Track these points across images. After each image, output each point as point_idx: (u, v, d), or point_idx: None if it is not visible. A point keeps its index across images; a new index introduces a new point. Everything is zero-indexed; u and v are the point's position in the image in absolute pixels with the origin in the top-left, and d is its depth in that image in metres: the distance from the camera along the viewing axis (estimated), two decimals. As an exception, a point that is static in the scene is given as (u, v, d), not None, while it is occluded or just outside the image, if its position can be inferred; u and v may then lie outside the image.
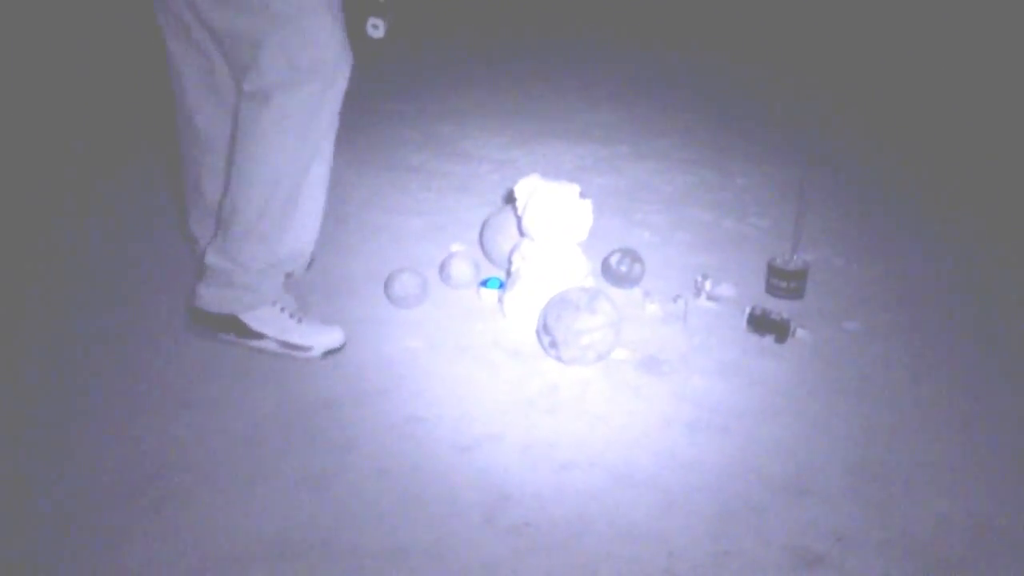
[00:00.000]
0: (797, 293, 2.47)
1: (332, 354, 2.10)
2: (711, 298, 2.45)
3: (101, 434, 1.81)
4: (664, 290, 2.48)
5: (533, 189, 2.25)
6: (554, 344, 2.07)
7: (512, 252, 2.37)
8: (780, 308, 2.34)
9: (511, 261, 2.36)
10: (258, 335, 2.06)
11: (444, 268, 2.48)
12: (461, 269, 2.46)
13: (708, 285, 2.45)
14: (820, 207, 3.04)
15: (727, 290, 2.50)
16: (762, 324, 2.25)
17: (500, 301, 2.36)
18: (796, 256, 2.50)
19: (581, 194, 2.25)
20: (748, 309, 2.29)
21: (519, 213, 2.29)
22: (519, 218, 2.30)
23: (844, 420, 1.93)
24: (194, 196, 2.20)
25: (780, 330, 2.23)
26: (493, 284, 2.42)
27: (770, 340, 2.24)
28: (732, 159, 3.74)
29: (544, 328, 2.10)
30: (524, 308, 2.25)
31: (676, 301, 2.41)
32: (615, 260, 2.50)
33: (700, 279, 2.46)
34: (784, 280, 2.47)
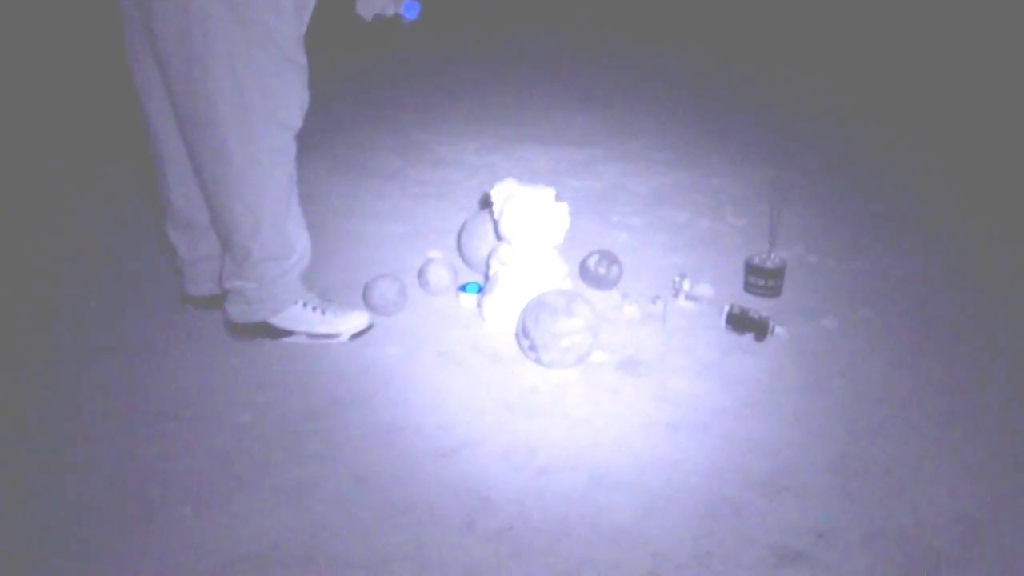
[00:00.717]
0: (775, 291, 2.48)
1: (359, 336, 2.23)
2: (689, 298, 2.45)
3: (80, 449, 1.78)
4: (642, 291, 2.49)
5: (509, 193, 2.25)
6: (533, 347, 2.07)
7: (490, 256, 2.36)
8: (758, 306, 2.35)
9: (489, 265, 2.35)
10: (288, 333, 2.19)
11: (422, 274, 2.47)
12: (439, 275, 2.45)
13: (686, 285, 2.46)
14: (796, 205, 3.06)
15: (705, 290, 2.50)
16: (741, 323, 2.26)
17: (479, 306, 2.35)
18: (773, 254, 2.51)
19: (557, 197, 2.25)
20: (726, 308, 2.30)
21: (496, 217, 2.28)
22: (496, 222, 2.29)
23: (823, 416, 1.94)
24: (165, 200, 2.20)
25: (759, 328, 2.24)
26: (472, 289, 2.41)
27: (749, 338, 2.24)
28: (707, 159, 3.76)
29: (523, 332, 2.09)
30: (503, 312, 2.25)
31: (655, 302, 2.41)
32: (593, 262, 2.50)
33: (678, 279, 2.46)
34: (762, 278, 2.48)
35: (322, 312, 2.20)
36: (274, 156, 1.98)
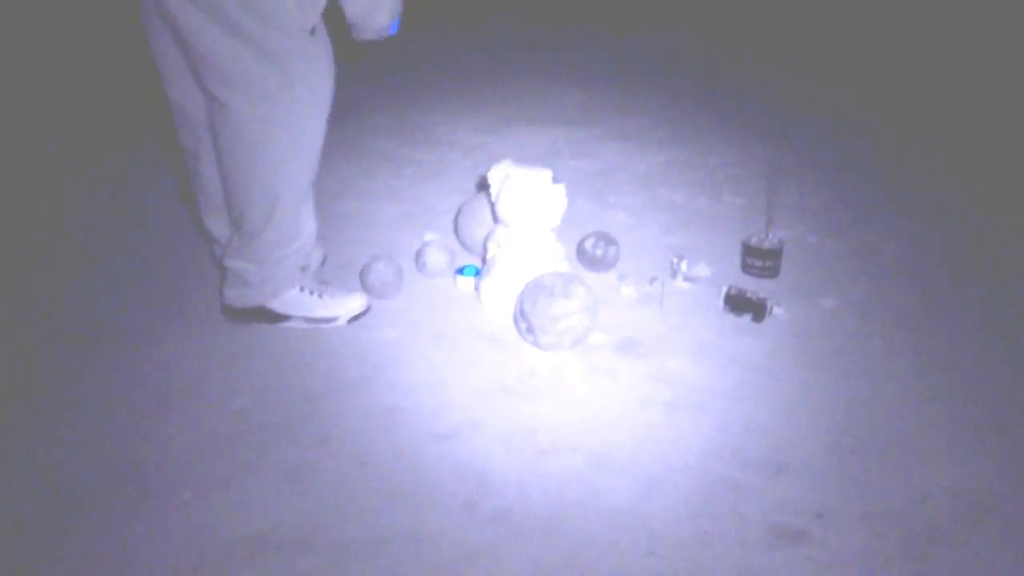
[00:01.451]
0: (773, 271, 2.48)
1: (357, 319, 2.23)
2: (687, 279, 2.45)
3: (79, 435, 1.78)
4: (640, 272, 2.48)
5: (506, 175, 2.24)
6: (531, 330, 2.07)
7: (487, 239, 2.35)
8: (756, 287, 2.35)
9: (486, 248, 2.35)
10: (285, 317, 2.18)
11: (419, 257, 2.46)
12: (436, 258, 2.45)
13: (684, 266, 2.45)
14: (793, 184, 3.05)
15: (703, 270, 2.50)
16: (739, 303, 2.26)
17: (476, 289, 2.35)
18: (771, 235, 2.51)
19: (554, 178, 2.24)
20: (724, 289, 2.30)
21: (492, 200, 2.27)
22: (493, 205, 2.28)
23: (821, 396, 1.94)
24: (197, 187, 2.18)
25: (757, 309, 2.24)
26: (469, 272, 2.41)
27: (747, 319, 2.24)
28: (704, 137, 3.74)
29: (521, 314, 2.09)
30: (500, 295, 2.24)
31: (652, 283, 2.41)
32: (590, 244, 2.49)
33: (676, 260, 2.46)
34: (759, 259, 2.47)
35: (319, 296, 2.20)
36: (296, 136, 1.95)
